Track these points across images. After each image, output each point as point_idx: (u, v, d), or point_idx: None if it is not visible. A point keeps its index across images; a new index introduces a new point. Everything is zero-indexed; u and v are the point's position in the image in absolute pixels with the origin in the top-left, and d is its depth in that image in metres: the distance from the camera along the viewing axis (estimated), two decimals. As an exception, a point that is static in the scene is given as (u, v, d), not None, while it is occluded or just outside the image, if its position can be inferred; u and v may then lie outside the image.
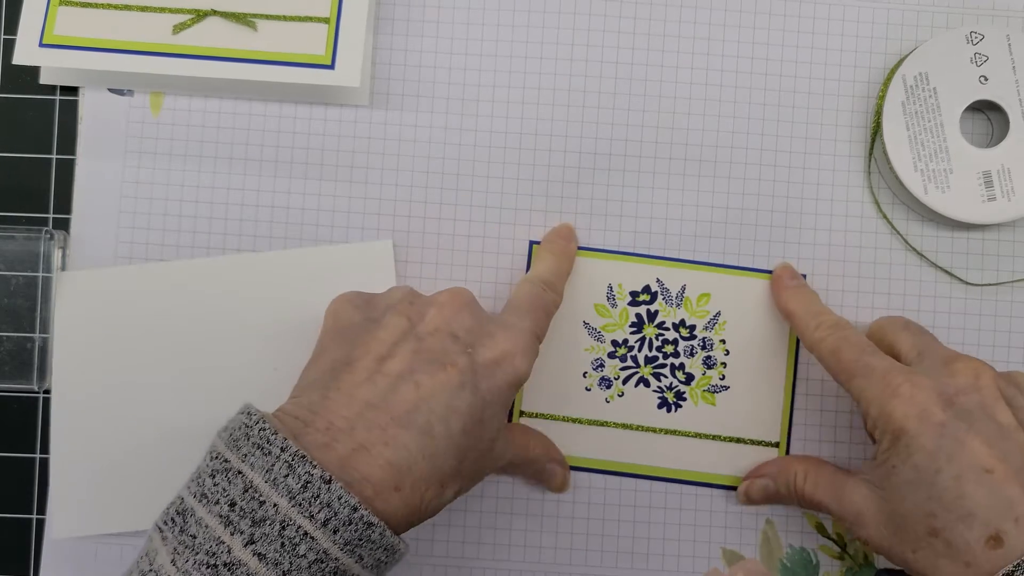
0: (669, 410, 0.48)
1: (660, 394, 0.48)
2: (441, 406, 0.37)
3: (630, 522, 0.48)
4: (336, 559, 0.33)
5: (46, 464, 0.48)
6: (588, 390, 0.48)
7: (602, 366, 0.48)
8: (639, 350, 0.48)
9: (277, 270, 0.48)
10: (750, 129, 0.49)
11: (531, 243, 0.49)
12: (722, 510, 0.48)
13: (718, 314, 0.48)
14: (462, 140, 0.49)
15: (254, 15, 0.47)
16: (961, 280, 0.49)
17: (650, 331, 0.48)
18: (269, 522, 0.33)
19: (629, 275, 0.49)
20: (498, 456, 0.42)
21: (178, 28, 0.47)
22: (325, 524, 0.33)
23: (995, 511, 0.36)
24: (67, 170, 0.49)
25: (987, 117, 0.50)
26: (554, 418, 0.48)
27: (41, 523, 0.48)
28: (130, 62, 0.47)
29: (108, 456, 0.47)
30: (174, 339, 0.47)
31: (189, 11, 0.47)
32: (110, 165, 0.49)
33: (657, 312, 0.48)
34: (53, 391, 0.47)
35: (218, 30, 0.47)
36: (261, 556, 0.32)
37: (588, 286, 0.49)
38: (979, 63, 0.48)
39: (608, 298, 0.49)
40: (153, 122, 0.49)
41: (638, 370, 0.48)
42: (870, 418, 0.41)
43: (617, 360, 0.48)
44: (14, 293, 0.47)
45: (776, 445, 0.48)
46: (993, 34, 0.48)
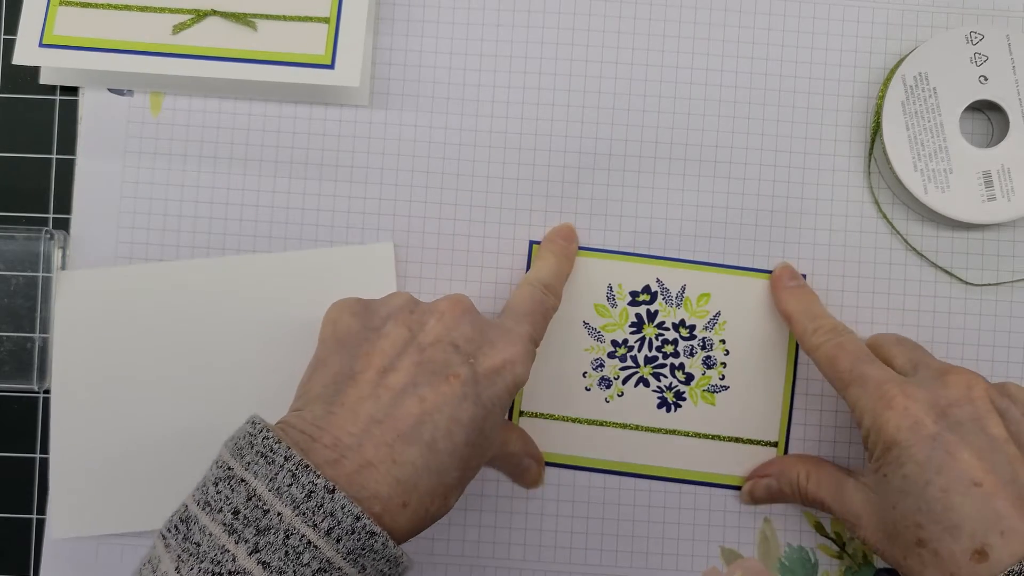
0: (669, 410, 0.48)
1: (660, 394, 0.48)
2: (445, 419, 0.37)
3: (629, 521, 0.48)
4: (339, 568, 0.33)
5: (46, 464, 0.48)
6: (588, 390, 0.48)
7: (602, 366, 0.48)
8: (639, 350, 0.48)
9: (278, 271, 0.48)
10: (750, 129, 0.49)
11: (531, 243, 0.49)
12: (721, 509, 0.48)
13: (718, 314, 0.48)
14: (462, 140, 0.49)
15: (254, 15, 0.47)
16: (961, 280, 0.49)
17: (650, 331, 0.48)
18: (273, 531, 0.33)
19: (629, 275, 0.49)
20: (496, 442, 0.42)
21: (178, 28, 0.47)
22: (328, 533, 0.33)
23: (981, 524, 0.36)
24: (67, 170, 0.49)
25: (987, 117, 0.50)
26: (554, 418, 0.48)
27: (41, 523, 0.48)
28: (130, 62, 0.47)
29: (108, 456, 0.47)
30: (174, 339, 0.47)
31: (189, 11, 0.47)
32: (110, 165, 0.49)
33: (657, 312, 0.49)
34: (53, 390, 0.47)
35: (218, 30, 0.47)
36: (265, 565, 0.32)
37: (588, 286, 0.49)
38: (979, 63, 0.48)
39: (608, 298, 0.49)
40: (153, 122, 0.49)
41: (638, 370, 0.48)
42: (863, 427, 0.41)
43: (617, 360, 0.48)
44: (14, 293, 0.47)
45: (775, 445, 0.48)
46: (993, 34, 0.48)
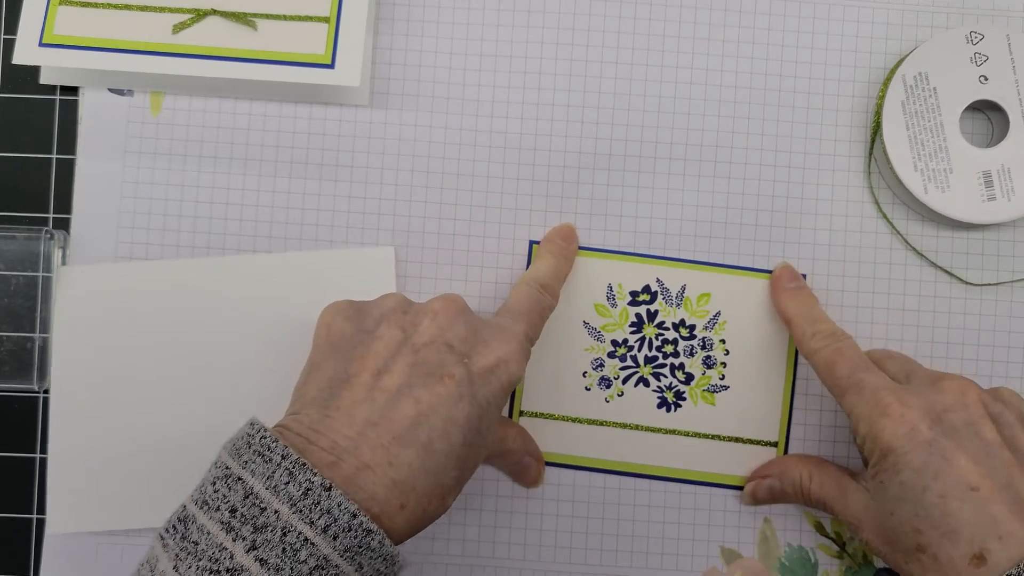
0: (669, 410, 0.48)
1: (660, 394, 0.48)
2: (441, 420, 0.37)
3: (629, 521, 0.48)
4: (336, 566, 0.33)
5: (46, 464, 0.48)
6: (588, 390, 0.48)
7: (602, 366, 0.48)
8: (639, 350, 0.48)
9: (278, 272, 0.48)
10: (750, 129, 0.49)
11: (531, 243, 0.49)
12: (721, 509, 0.48)
13: (718, 314, 0.48)
14: (462, 140, 0.49)
15: (254, 14, 0.47)
16: (961, 280, 0.49)
17: (650, 331, 0.48)
18: (271, 528, 0.33)
19: (629, 275, 0.49)
20: (493, 439, 0.42)
21: (178, 28, 0.47)
22: (325, 530, 0.33)
23: (979, 529, 0.37)
24: (67, 170, 0.49)
25: (987, 117, 0.50)
26: (553, 417, 0.48)
27: (41, 523, 0.48)
28: (130, 62, 0.47)
29: (106, 453, 0.47)
30: (173, 338, 0.47)
31: (189, 11, 0.47)
32: (110, 165, 0.49)
33: (657, 312, 0.49)
34: (52, 386, 0.47)
35: (218, 30, 0.47)
36: (263, 562, 0.32)
37: (588, 286, 0.49)
38: (979, 63, 0.48)
39: (608, 298, 0.49)
40: (153, 122, 0.49)
41: (638, 370, 0.48)
42: (859, 434, 0.41)
43: (617, 360, 0.48)
44: (14, 293, 0.47)
45: (775, 445, 0.48)
46: (993, 34, 0.48)
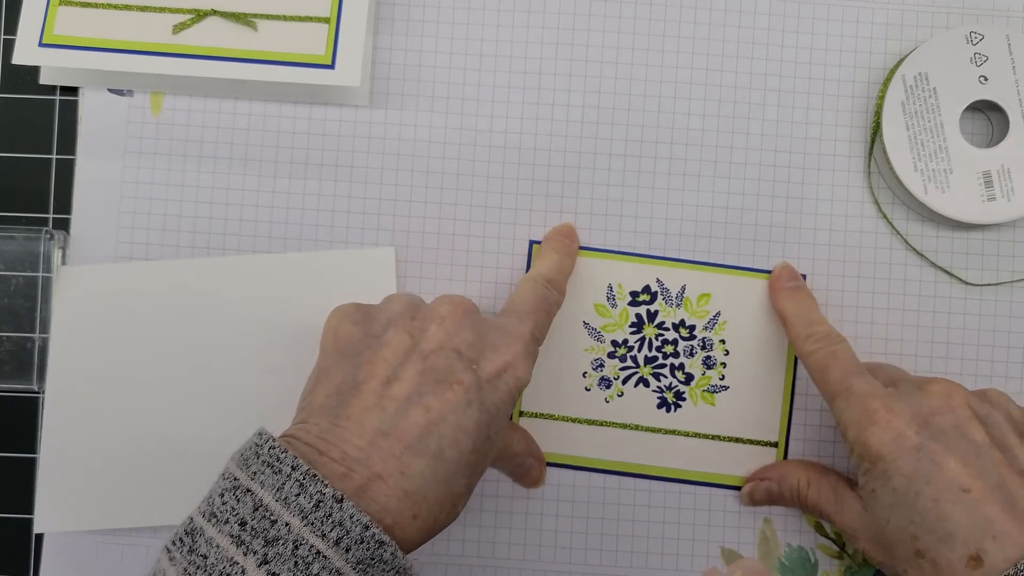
0: (669, 410, 0.48)
1: (660, 394, 0.48)
2: (451, 427, 0.36)
3: (629, 521, 0.48)
4: None
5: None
6: (588, 390, 0.48)
7: (602, 366, 0.48)
8: (639, 350, 0.48)
9: (278, 272, 0.48)
10: (750, 129, 0.49)
11: (531, 243, 0.49)
12: (721, 509, 0.48)
13: (718, 314, 0.48)
14: (462, 140, 0.49)
15: (254, 15, 0.47)
16: (961, 280, 0.49)
17: (650, 331, 0.48)
18: (282, 541, 0.32)
19: (629, 275, 0.49)
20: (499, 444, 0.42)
21: (178, 28, 0.47)
22: (338, 543, 0.33)
23: (974, 531, 0.36)
24: (67, 170, 0.49)
25: (987, 117, 0.50)
26: (554, 418, 0.48)
27: (42, 523, 0.48)
28: (130, 62, 0.47)
29: (101, 452, 0.46)
30: (171, 338, 0.47)
31: (189, 11, 0.47)
32: (110, 165, 0.49)
33: (657, 312, 0.49)
34: (48, 384, 0.47)
35: (218, 30, 0.47)
36: None
37: (588, 286, 0.49)
38: (979, 63, 0.48)
39: (608, 298, 0.49)
40: (153, 122, 0.49)
41: (638, 370, 0.48)
42: (848, 441, 0.41)
43: (617, 360, 0.48)
44: (14, 293, 0.47)
45: (775, 445, 0.48)
46: (993, 34, 0.48)
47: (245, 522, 0.33)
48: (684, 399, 0.48)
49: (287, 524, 0.33)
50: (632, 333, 0.48)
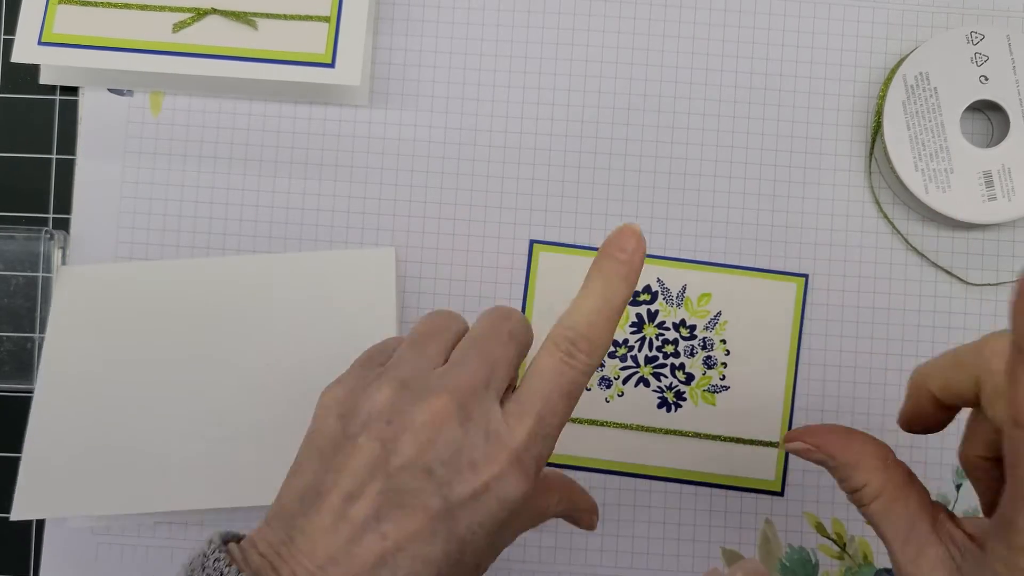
0: (669, 410, 0.48)
1: (660, 394, 0.48)
2: (409, 558, 0.32)
3: (630, 522, 0.48)
4: None
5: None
6: (588, 390, 0.48)
7: (602, 366, 0.48)
8: (639, 350, 0.48)
9: (278, 272, 0.48)
10: (750, 129, 0.49)
11: (531, 242, 0.49)
12: (722, 510, 0.48)
13: (719, 314, 0.48)
14: (462, 140, 0.49)
15: (254, 14, 0.47)
16: (961, 280, 0.49)
17: (650, 331, 0.48)
18: None
19: (629, 275, 0.49)
20: (507, 541, 0.37)
21: (178, 27, 0.47)
22: None
23: None
24: (67, 170, 0.49)
25: (987, 117, 0.50)
26: (554, 418, 0.48)
27: (41, 523, 0.48)
28: (130, 60, 0.47)
29: (88, 445, 0.46)
30: (172, 337, 0.47)
31: (189, 10, 0.47)
32: (110, 165, 0.49)
33: (657, 312, 0.48)
34: (39, 379, 0.46)
35: (218, 29, 0.47)
36: None
37: (588, 286, 0.49)
38: (979, 63, 0.48)
39: (608, 298, 0.48)
40: (153, 122, 0.49)
41: (638, 370, 0.48)
42: (1008, 551, 0.28)
43: (617, 360, 0.48)
44: (14, 293, 0.47)
45: (776, 445, 0.48)
46: (993, 34, 0.48)
47: None
48: (684, 399, 0.48)
49: None
50: (632, 333, 0.48)
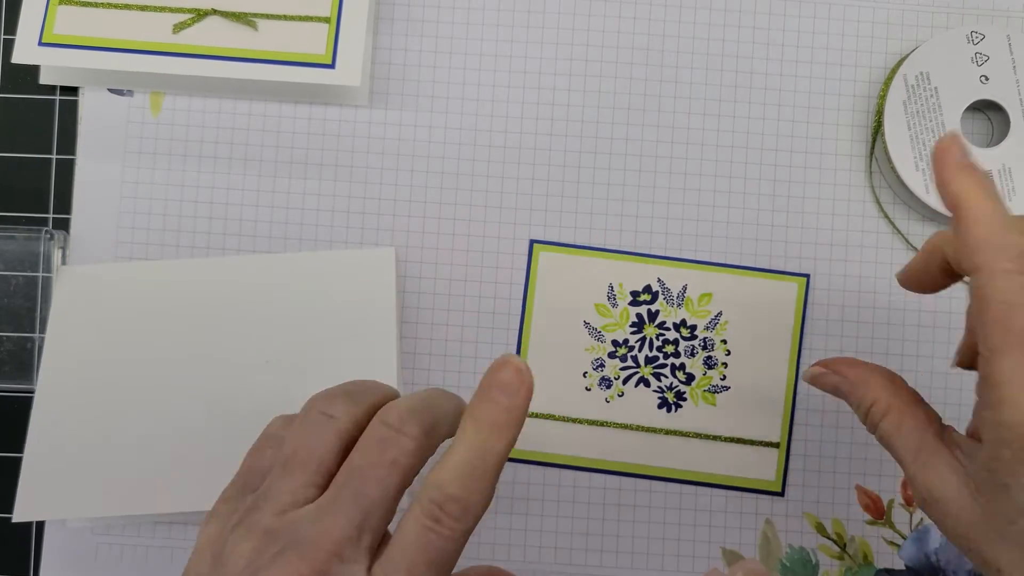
0: (669, 410, 0.48)
1: (660, 394, 0.48)
2: None
3: (630, 522, 0.48)
4: None
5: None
6: (588, 390, 0.48)
7: (602, 366, 0.48)
8: (639, 350, 0.48)
9: (278, 272, 0.48)
10: (750, 129, 0.49)
11: (531, 242, 0.49)
12: (722, 510, 0.48)
13: (719, 314, 0.48)
14: (462, 140, 0.49)
15: (254, 14, 0.47)
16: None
17: (651, 331, 0.48)
18: None
19: (630, 275, 0.49)
20: None
21: (178, 27, 0.47)
22: None
23: None
24: (67, 170, 0.49)
25: (987, 117, 0.50)
26: (554, 418, 0.48)
27: (41, 523, 0.48)
28: (130, 61, 0.47)
29: (88, 446, 0.46)
30: (172, 337, 0.47)
31: (189, 10, 0.47)
32: (110, 165, 0.49)
33: (658, 312, 0.48)
34: (40, 379, 0.46)
35: (218, 29, 0.47)
36: None
37: (589, 286, 0.49)
38: (980, 63, 0.48)
39: (609, 298, 0.48)
40: (153, 122, 0.49)
41: (638, 370, 0.48)
42: (1001, 415, 0.30)
43: (617, 360, 0.48)
44: (14, 293, 0.47)
45: (776, 446, 0.48)
46: (994, 34, 0.48)
47: None
48: (685, 399, 0.48)
49: None
50: (633, 333, 0.48)
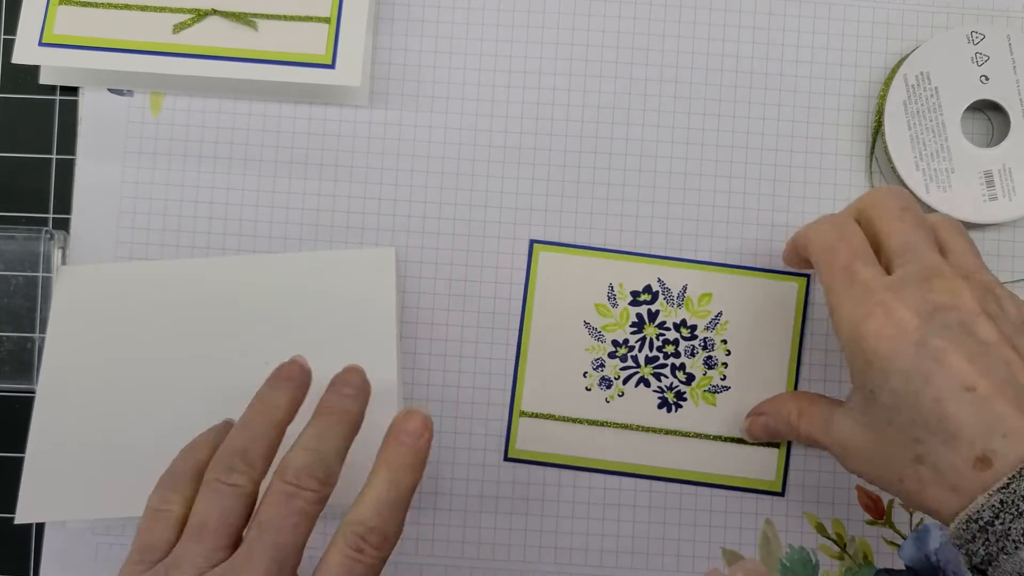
0: (669, 410, 0.48)
1: (660, 394, 0.48)
2: None
3: (630, 522, 0.48)
4: None
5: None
6: (588, 390, 0.48)
7: (602, 366, 0.48)
8: (640, 350, 0.48)
9: (278, 272, 0.48)
10: (751, 129, 0.49)
11: (531, 242, 0.49)
12: (722, 510, 0.48)
13: (719, 314, 0.48)
14: (462, 140, 0.49)
15: (254, 15, 0.47)
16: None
17: (651, 331, 0.48)
18: None
19: (630, 274, 0.49)
20: None
21: (178, 27, 0.47)
22: None
23: (980, 430, 0.34)
24: (67, 170, 0.49)
25: (988, 117, 0.50)
26: (554, 418, 0.48)
27: (41, 523, 0.48)
28: (130, 61, 0.47)
29: (89, 446, 0.46)
30: (172, 337, 0.47)
31: (189, 11, 0.47)
32: (110, 165, 0.49)
33: (658, 312, 0.48)
34: (41, 380, 0.46)
35: (218, 29, 0.47)
36: None
37: (589, 285, 0.49)
38: (980, 63, 0.48)
39: (609, 298, 0.48)
40: (153, 122, 0.49)
41: (638, 370, 0.48)
42: (842, 338, 0.38)
43: (617, 360, 0.48)
44: (14, 293, 0.47)
45: (777, 446, 0.48)
46: (994, 34, 0.48)
47: None
48: (685, 399, 0.48)
49: None
50: (633, 333, 0.48)
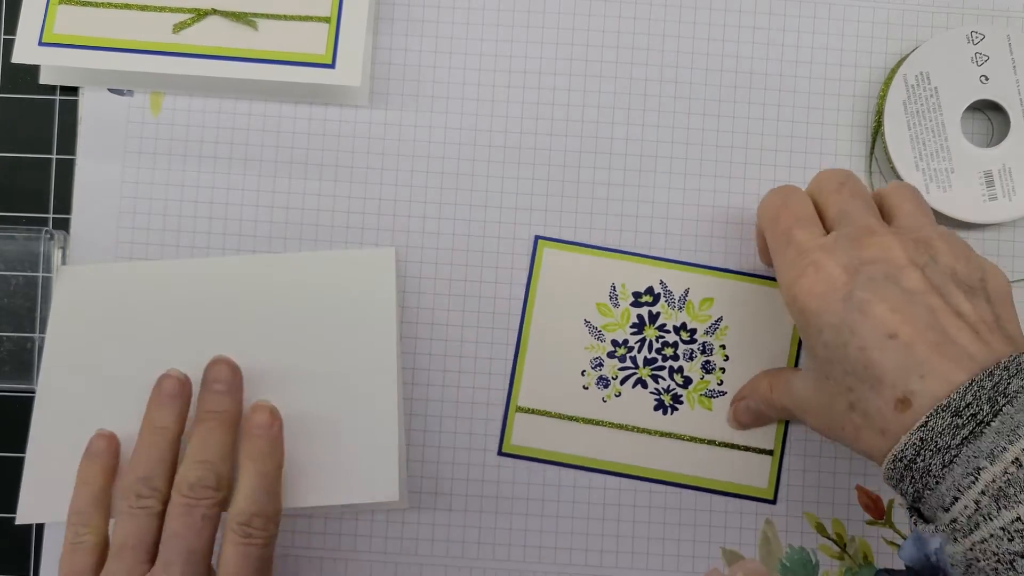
0: (665, 412, 0.48)
1: (657, 396, 0.48)
2: None
3: (629, 522, 0.48)
4: None
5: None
6: (585, 388, 0.48)
7: (601, 365, 0.48)
8: (639, 351, 0.48)
9: (278, 272, 0.48)
10: (751, 129, 0.49)
11: (536, 238, 0.49)
12: (721, 510, 0.48)
13: (720, 319, 0.48)
14: (462, 140, 0.49)
15: (255, 14, 0.47)
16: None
17: (651, 333, 0.48)
18: None
19: (632, 275, 0.49)
20: None
21: (178, 27, 0.47)
22: None
23: (901, 373, 0.35)
24: (67, 170, 0.49)
25: (987, 117, 0.50)
26: (549, 415, 0.48)
27: (41, 523, 0.48)
28: (130, 61, 0.47)
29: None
30: (172, 337, 0.47)
31: (189, 10, 0.47)
32: (110, 165, 0.49)
33: (659, 314, 0.48)
34: (40, 380, 0.46)
35: (219, 29, 0.47)
36: None
37: (591, 284, 0.49)
38: (980, 63, 0.48)
39: (610, 297, 0.49)
40: (153, 122, 0.49)
41: (636, 371, 0.48)
42: (785, 299, 0.40)
43: (616, 360, 0.48)
44: (14, 293, 0.47)
45: (770, 453, 0.48)
46: (994, 34, 0.48)
47: None
48: (681, 402, 0.48)
49: None
50: (633, 334, 0.48)
